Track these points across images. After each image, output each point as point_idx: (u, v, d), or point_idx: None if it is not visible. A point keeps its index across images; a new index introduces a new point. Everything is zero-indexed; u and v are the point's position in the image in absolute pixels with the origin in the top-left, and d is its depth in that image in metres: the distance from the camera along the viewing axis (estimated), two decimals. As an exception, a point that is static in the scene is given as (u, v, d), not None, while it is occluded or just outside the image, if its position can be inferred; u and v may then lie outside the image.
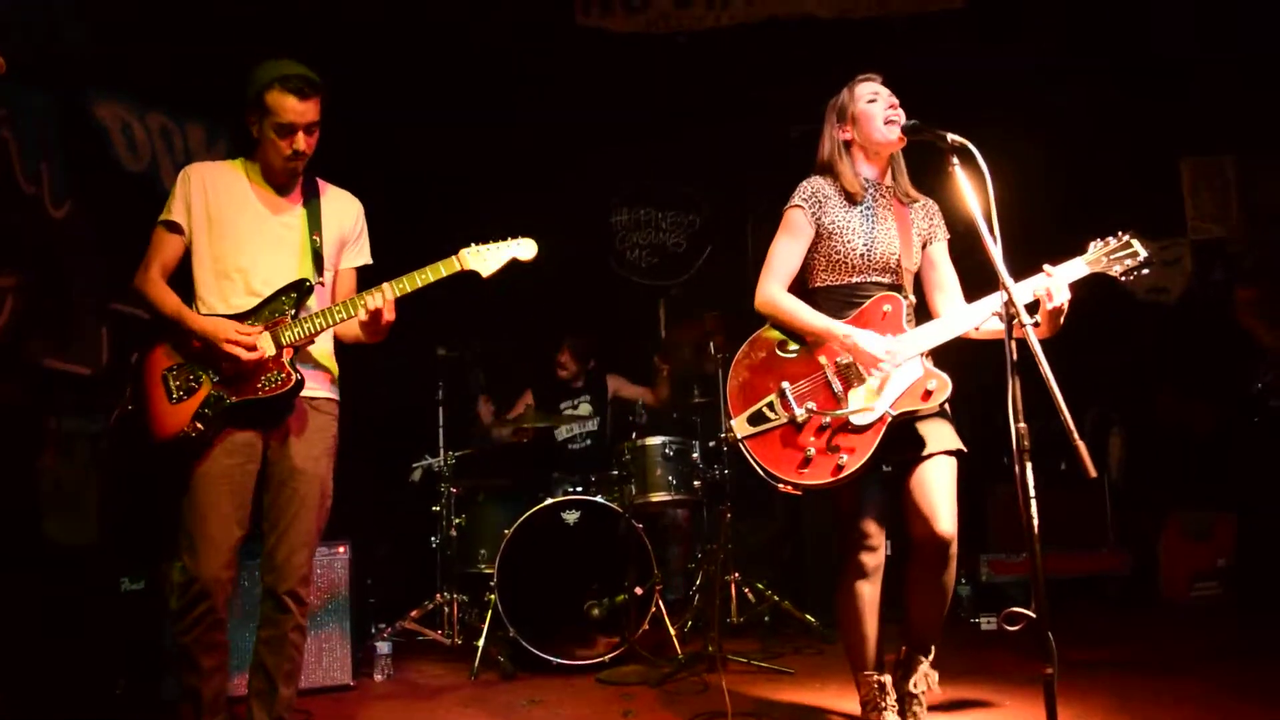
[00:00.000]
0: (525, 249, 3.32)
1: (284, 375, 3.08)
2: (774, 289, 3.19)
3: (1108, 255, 2.96)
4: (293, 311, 3.15)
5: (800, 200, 3.22)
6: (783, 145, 6.95)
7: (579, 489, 5.18)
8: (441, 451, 5.47)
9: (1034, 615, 2.68)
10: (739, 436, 3.10)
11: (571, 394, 6.18)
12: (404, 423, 6.04)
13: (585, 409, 6.12)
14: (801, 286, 3.27)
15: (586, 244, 7.22)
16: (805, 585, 5.75)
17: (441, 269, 3.20)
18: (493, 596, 4.76)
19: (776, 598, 5.36)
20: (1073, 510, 5.98)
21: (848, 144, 3.25)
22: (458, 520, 5.34)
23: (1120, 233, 2.97)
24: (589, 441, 6.11)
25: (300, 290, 3.16)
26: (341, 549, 4.55)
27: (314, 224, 3.29)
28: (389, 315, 3.14)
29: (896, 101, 3.18)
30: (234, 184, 3.25)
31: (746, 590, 5.42)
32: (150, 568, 4.40)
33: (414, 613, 5.27)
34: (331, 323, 3.16)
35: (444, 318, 5.62)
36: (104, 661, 4.28)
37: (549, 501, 4.90)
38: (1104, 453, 6.46)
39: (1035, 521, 2.72)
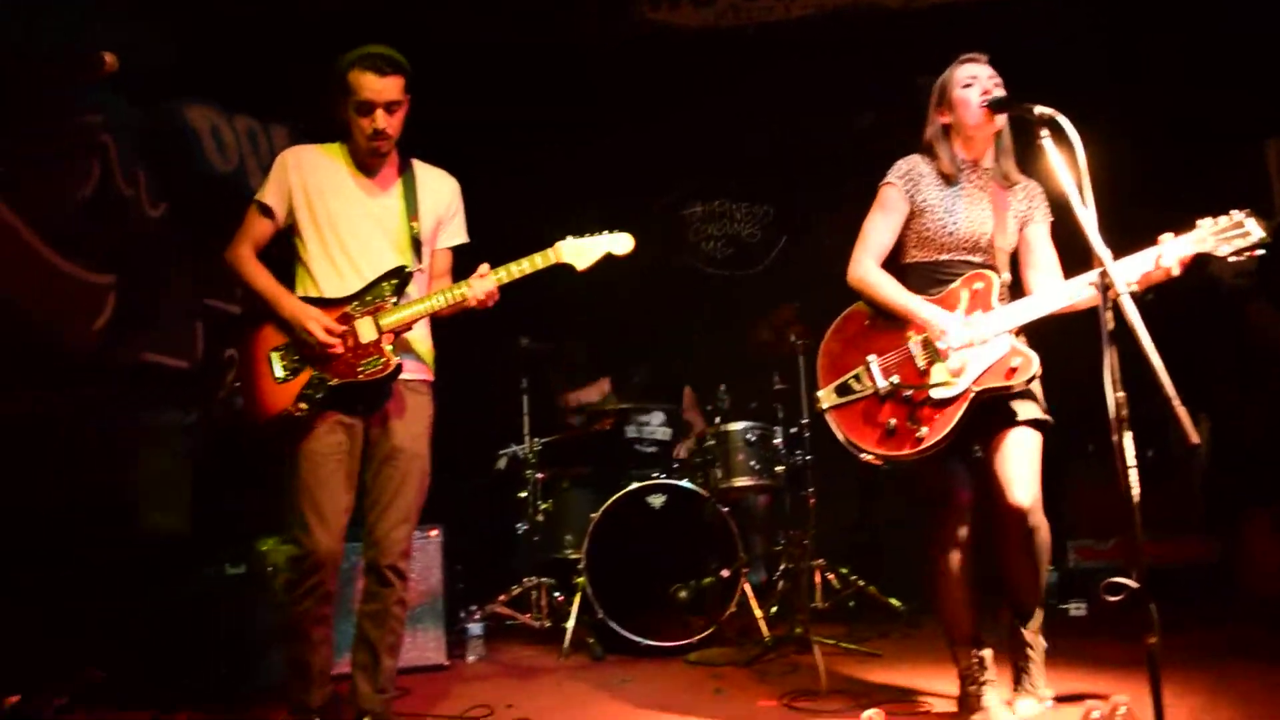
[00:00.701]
0: (621, 243, 3.37)
1: (383, 360, 3.16)
2: (865, 264, 3.24)
3: (1216, 235, 2.85)
4: (394, 298, 3.22)
5: (894, 177, 3.27)
6: (853, 134, 6.99)
7: (662, 474, 5.22)
8: (526, 439, 5.55)
9: (1136, 585, 2.68)
10: (825, 407, 3.18)
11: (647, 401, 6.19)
12: (489, 411, 6.13)
13: (659, 416, 6.11)
14: (895, 262, 3.31)
15: (662, 237, 7.26)
16: (883, 571, 5.75)
17: (539, 260, 3.27)
18: (581, 580, 4.83)
19: (861, 582, 5.36)
20: (1160, 498, 5.87)
21: (946, 127, 3.26)
22: (544, 506, 5.41)
23: (1233, 211, 2.87)
24: (655, 449, 6.11)
25: (401, 277, 3.24)
26: (434, 532, 4.64)
27: (411, 208, 3.35)
28: (495, 299, 3.25)
29: (996, 83, 3.14)
30: (331, 167, 3.32)
31: (830, 575, 5.44)
32: (248, 553, 4.52)
33: (502, 597, 5.36)
34: (431, 309, 3.23)
35: (525, 306, 5.70)
36: (206, 644, 4.41)
37: (635, 486, 4.97)
38: (1186, 446, 6.31)
39: (1135, 491, 2.72)
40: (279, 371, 3.17)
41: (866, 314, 3.24)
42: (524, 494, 5.51)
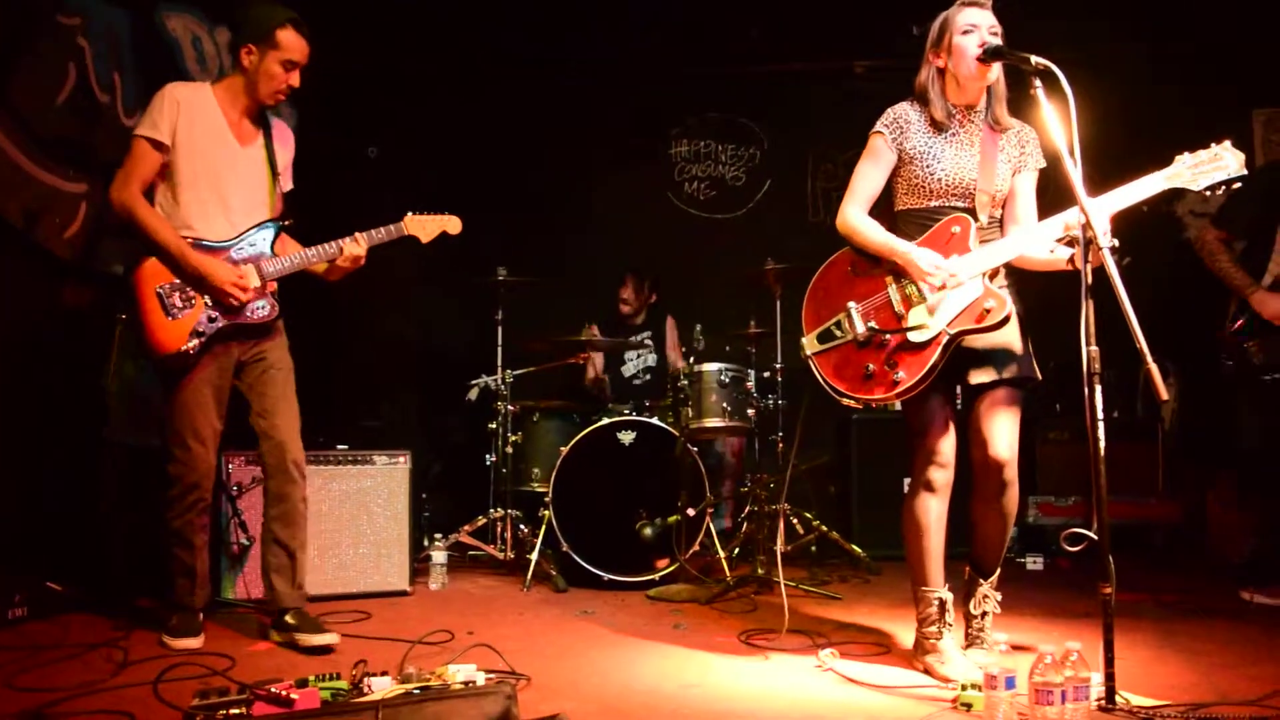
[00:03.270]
0: (453, 225, 3.80)
1: (269, 305, 3.51)
2: (851, 211, 3.26)
3: (1192, 169, 2.83)
4: (270, 248, 3.51)
5: (881, 126, 3.27)
6: (847, 80, 6.94)
7: (634, 412, 5.22)
8: (499, 370, 5.52)
9: (1095, 536, 2.72)
10: (808, 353, 3.23)
11: (632, 331, 6.24)
12: (461, 342, 6.10)
13: (647, 344, 6.21)
14: (888, 210, 3.31)
15: (646, 176, 7.18)
16: (851, 519, 5.80)
17: (392, 230, 3.67)
18: (547, 513, 4.85)
19: (824, 528, 5.41)
20: (1124, 459, 5.94)
21: (940, 71, 3.21)
22: (513, 438, 5.41)
23: (1213, 144, 2.84)
24: (649, 377, 6.18)
25: (276, 229, 3.55)
26: (402, 459, 4.64)
27: (271, 158, 3.60)
28: (361, 262, 3.60)
29: (995, 32, 3.09)
30: (210, 110, 3.49)
31: (794, 520, 5.48)
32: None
33: (467, 527, 5.37)
34: (308, 261, 3.53)
35: (500, 245, 5.66)
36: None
37: (605, 421, 4.96)
38: (1157, 401, 6.36)
39: (1102, 444, 2.75)
40: (169, 309, 3.36)
41: (850, 260, 3.27)
42: (494, 425, 5.49)
